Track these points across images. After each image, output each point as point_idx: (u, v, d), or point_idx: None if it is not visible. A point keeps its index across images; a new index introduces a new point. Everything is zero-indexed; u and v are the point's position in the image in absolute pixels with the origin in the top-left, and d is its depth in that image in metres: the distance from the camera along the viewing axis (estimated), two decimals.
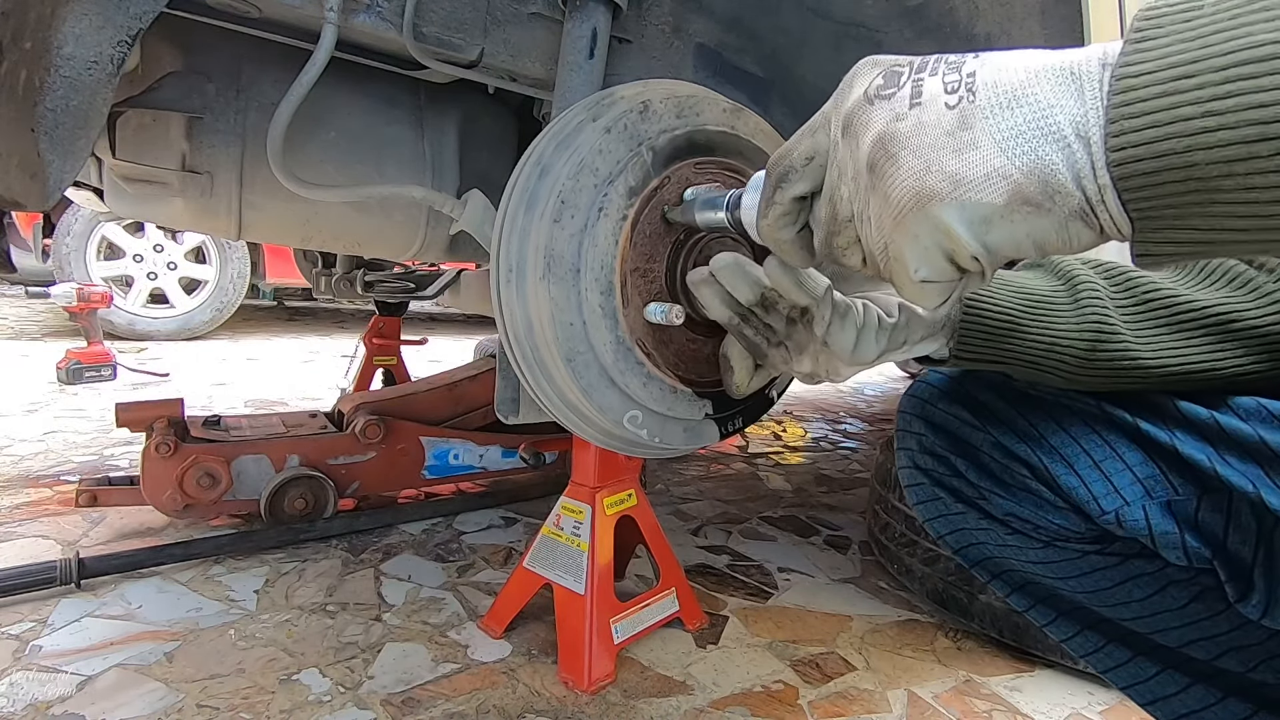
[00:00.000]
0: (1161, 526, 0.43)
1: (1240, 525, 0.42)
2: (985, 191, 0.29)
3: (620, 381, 0.57)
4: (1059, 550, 0.49)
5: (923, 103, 0.31)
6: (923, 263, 0.32)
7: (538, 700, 0.89)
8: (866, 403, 3.34)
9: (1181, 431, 0.43)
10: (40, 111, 0.56)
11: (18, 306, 4.87)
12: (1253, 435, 0.40)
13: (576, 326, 0.55)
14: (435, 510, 1.49)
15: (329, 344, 4.14)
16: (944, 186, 0.30)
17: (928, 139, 0.31)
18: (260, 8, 0.69)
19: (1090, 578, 0.49)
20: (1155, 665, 0.49)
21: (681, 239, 0.59)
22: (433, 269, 2.02)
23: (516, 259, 0.58)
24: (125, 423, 1.31)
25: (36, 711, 0.82)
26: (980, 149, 0.29)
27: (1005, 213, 0.29)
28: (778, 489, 1.86)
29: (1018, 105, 0.29)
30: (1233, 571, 0.43)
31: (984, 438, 0.49)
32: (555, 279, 0.55)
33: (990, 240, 0.30)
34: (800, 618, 1.16)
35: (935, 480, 0.52)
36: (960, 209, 0.30)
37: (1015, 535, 0.50)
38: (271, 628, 1.02)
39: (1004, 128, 0.29)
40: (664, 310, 0.55)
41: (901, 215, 0.32)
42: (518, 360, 0.62)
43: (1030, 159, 0.28)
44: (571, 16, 0.72)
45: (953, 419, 0.51)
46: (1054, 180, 0.28)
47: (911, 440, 0.54)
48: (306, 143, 0.89)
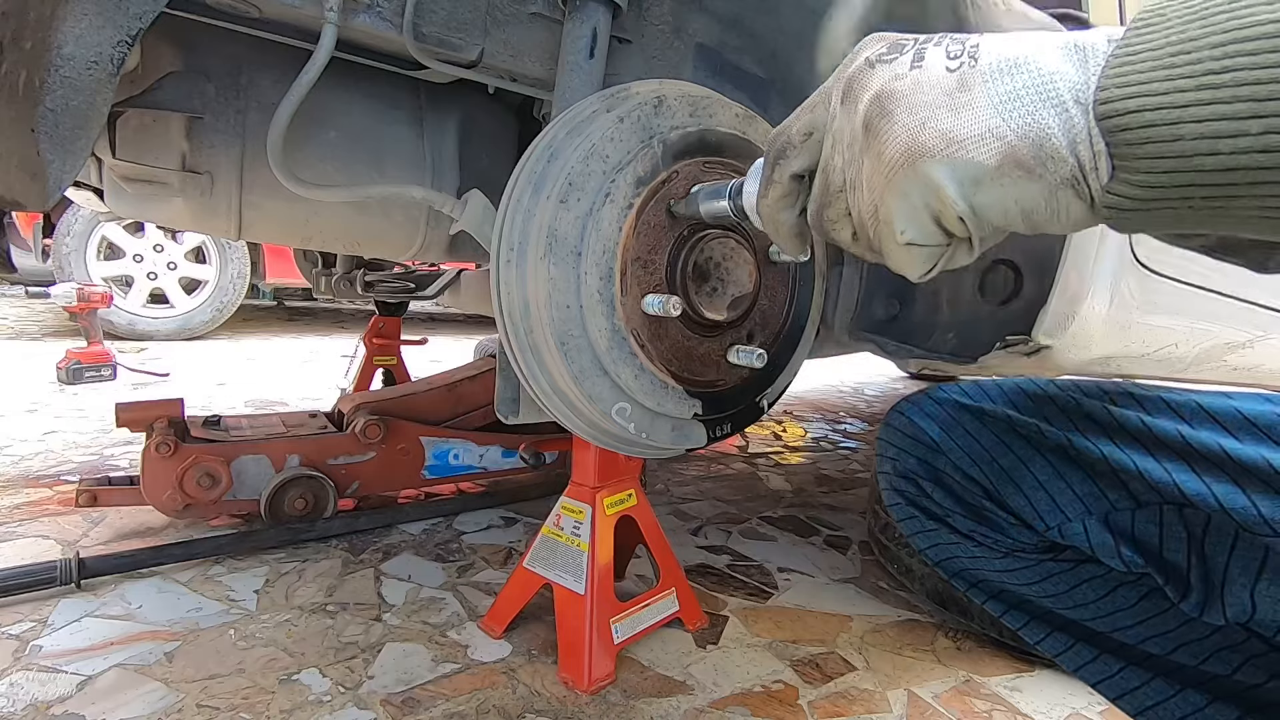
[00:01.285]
0: (1099, 539, 0.46)
1: (1173, 534, 0.45)
2: (978, 150, 0.29)
3: (612, 371, 0.57)
4: (1018, 559, 0.53)
5: (924, 66, 0.31)
6: (909, 223, 0.32)
7: (538, 700, 0.89)
8: (866, 403, 3.34)
9: (1114, 441, 0.46)
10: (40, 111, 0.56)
11: (18, 306, 4.87)
12: (1175, 435, 0.42)
13: (573, 310, 0.55)
14: (435, 510, 1.48)
15: (329, 344, 4.14)
16: (937, 143, 0.30)
17: (925, 97, 0.31)
18: (260, 8, 0.68)
19: (1049, 583, 0.53)
20: (1119, 662, 0.52)
21: (685, 234, 0.59)
22: (433, 269, 2.02)
23: (519, 238, 0.58)
24: (125, 423, 1.31)
25: (36, 711, 0.81)
26: (976, 109, 0.29)
27: (996, 175, 0.29)
28: (778, 489, 1.86)
29: (1019, 71, 0.29)
30: (1170, 575, 0.45)
31: (945, 461, 0.53)
32: (556, 259, 0.54)
33: (978, 202, 0.30)
34: (800, 618, 1.16)
35: (909, 500, 0.56)
36: (951, 167, 0.30)
37: (980, 548, 0.53)
38: (271, 628, 1.02)
39: (1003, 91, 0.29)
40: (662, 301, 0.55)
41: (892, 172, 0.31)
42: (511, 342, 0.61)
43: (1026, 121, 0.28)
44: (571, 16, 0.72)
45: (920, 445, 0.54)
46: (1048, 144, 0.28)
47: (888, 464, 0.57)
48: (306, 143, 0.89)
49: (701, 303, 0.61)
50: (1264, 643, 0.46)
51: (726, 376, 0.65)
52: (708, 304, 0.62)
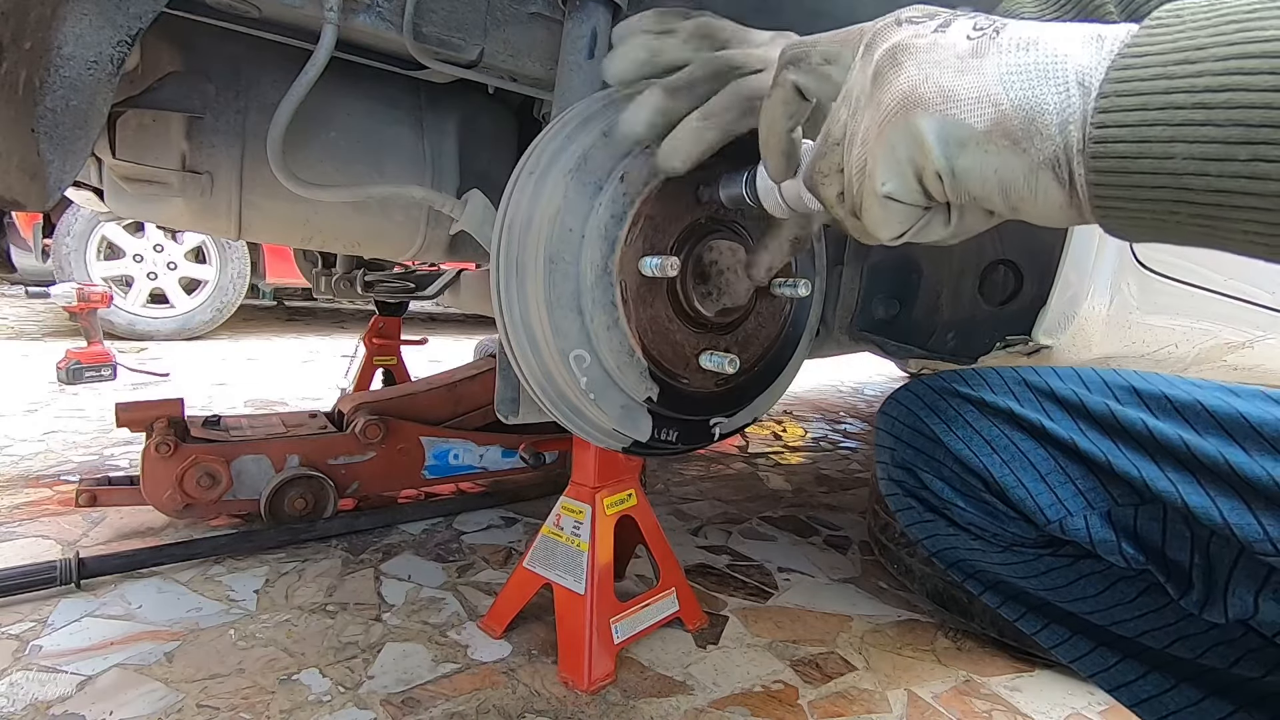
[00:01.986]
0: (1100, 535, 0.46)
1: (1176, 532, 0.44)
2: (970, 112, 0.29)
3: (588, 310, 0.56)
4: (1017, 553, 0.52)
5: (947, 31, 0.32)
6: (891, 175, 0.32)
7: (538, 700, 0.89)
8: (866, 403, 3.34)
9: (1117, 443, 0.45)
10: (40, 111, 0.56)
11: (18, 306, 4.87)
12: (1179, 443, 0.41)
13: (575, 233, 0.55)
14: (435, 510, 1.48)
15: (329, 344, 4.14)
16: (933, 97, 0.30)
17: (937, 55, 0.31)
18: (260, 8, 0.68)
19: (1048, 577, 0.52)
20: (1116, 654, 0.52)
21: (701, 222, 0.60)
22: (433, 269, 2.02)
23: (549, 160, 0.58)
24: (125, 423, 1.31)
25: (36, 711, 0.81)
26: (982, 75, 0.29)
27: (982, 139, 0.29)
28: (778, 489, 1.86)
29: (1033, 48, 0.29)
30: (1171, 572, 0.45)
31: (944, 452, 0.52)
32: (578, 180, 0.55)
33: (960, 164, 0.30)
34: (800, 618, 1.16)
35: (907, 491, 0.55)
36: (941, 123, 0.30)
37: (978, 540, 0.53)
38: (271, 628, 1.02)
39: (1012, 63, 0.29)
40: (660, 262, 0.55)
41: (885, 121, 0.32)
42: (500, 257, 0.61)
43: (1024, 93, 0.28)
44: (571, 16, 0.72)
45: (918, 435, 0.54)
46: (1040, 119, 0.28)
47: (885, 454, 0.57)
48: (307, 143, 0.89)
49: (695, 296, 0.61)
50: (1262, 638, 0.46)
51: (692, 379, 0.64)
52: (700, 300, 0.61)
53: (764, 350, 0.68)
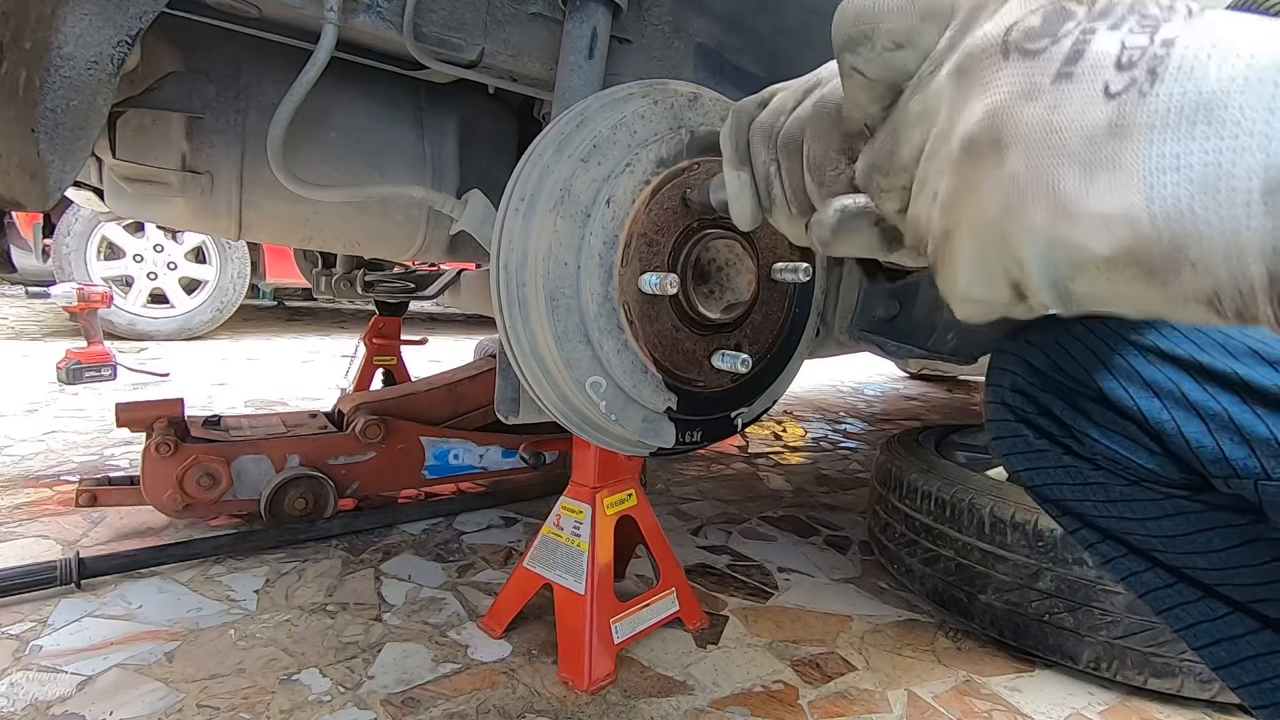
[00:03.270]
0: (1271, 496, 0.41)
1: None
2: (1090, 235, 0.21)
3: (595, 339, 0.56)
4: (1144, 490, 0.48)
5: (1074, 77, 0.22)
6: (977, 283, 0.26)
7: (538, 700, 0.89)
8: (866, 403, 3.34)
9: None
10: (40, 111, 0.56)
11: (18, 306, 4.87)
12: None
13: (570, 267, 0.55)
14: (435, 510, 1.49)
15: (329, 344, 4.14)
16: (1043, 214, 0.22)
17: (1056, 140, 0.22)
18: (260, 8, 0.69)
19: (1172, 520, 0.48)
20: (1225, 607, 0.49)
21: (694, 226, 0.60)
22: (433, 269, 2.02)
23: (532, 190, 0.58)
24: (125, 423, 1.31)
25: (36, 711, 0.82)
26: (1119, 173, 0.20)
27: (1104, 267, 0.21)
28: (778, 489, 1.86)
29: (1207, 122, 0.19)
30: None
31: (1092, 388, 0.47)
32: (565, 214, 0.55)
33: (1073, 290, 0.23)
34: (800, 618, 1.16)
35: (1020, 417, 0.52)
36: (1049, 246, 0.22)
37: (1100, 472, 0.49)
38: (271, 628, 1.02)
39: (1168, 153, 0.20)
40: (659, 279, 0.55)
41: (978, 221, 0.25)
42: (501, 295, 0.61)
43: (1177, 206, 0.19)
44: (571, 16, 0.72)
45: (1057, 368, 0.49)
46: (1195, 248, 0.19)
47: (1005, 378, 0.53)
48: (307, 143, 0.89)
49: (698, 299, 0.61)
50: None
51: (707, 380, 0.64)
52: (703, 302, 0.62)
53: (773, 338, 0.69)
